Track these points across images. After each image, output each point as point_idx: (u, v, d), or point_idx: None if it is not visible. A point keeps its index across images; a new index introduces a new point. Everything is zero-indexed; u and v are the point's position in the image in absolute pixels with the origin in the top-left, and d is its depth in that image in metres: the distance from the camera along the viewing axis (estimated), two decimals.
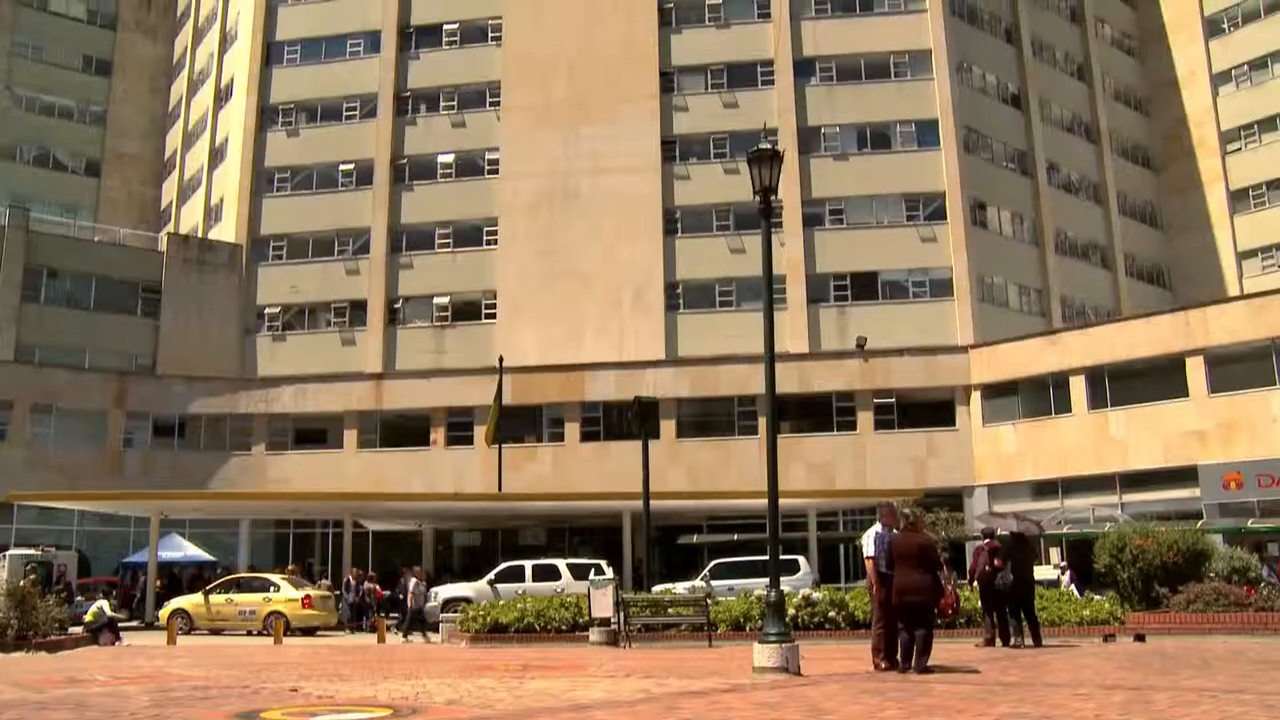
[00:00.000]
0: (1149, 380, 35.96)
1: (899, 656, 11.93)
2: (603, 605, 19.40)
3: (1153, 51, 57.26)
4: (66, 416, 42.18)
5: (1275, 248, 51.61)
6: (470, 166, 48.01)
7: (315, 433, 44.22)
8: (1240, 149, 53.57)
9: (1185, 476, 34.41)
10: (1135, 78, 56.86)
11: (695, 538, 38.79)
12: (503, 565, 31.74)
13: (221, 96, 53.86)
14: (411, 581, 28.04)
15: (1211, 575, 18.94)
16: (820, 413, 41.10)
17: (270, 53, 50.86)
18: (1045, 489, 38.00)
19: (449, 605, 27.81)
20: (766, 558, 14.63)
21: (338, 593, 31.76)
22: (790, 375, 39.30)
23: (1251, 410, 33.40)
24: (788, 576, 27.22)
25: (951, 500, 38.38)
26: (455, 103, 48.64)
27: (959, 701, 9.12)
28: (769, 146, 13.78)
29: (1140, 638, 17.27)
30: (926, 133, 45.34)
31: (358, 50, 50.20)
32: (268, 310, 48.17)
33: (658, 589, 26.60)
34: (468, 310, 46.73)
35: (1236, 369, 34.01)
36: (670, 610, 20.09)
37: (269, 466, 43.18)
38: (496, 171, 47.44)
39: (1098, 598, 20.19)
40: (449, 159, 48.12)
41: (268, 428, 43.80)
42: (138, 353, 46.58)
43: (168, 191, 60.10)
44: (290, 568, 33.98)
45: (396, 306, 47.28)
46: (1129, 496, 35.57)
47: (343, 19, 50.52)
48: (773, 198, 13.80)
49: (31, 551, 33.09)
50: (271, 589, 28.51)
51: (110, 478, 41.11)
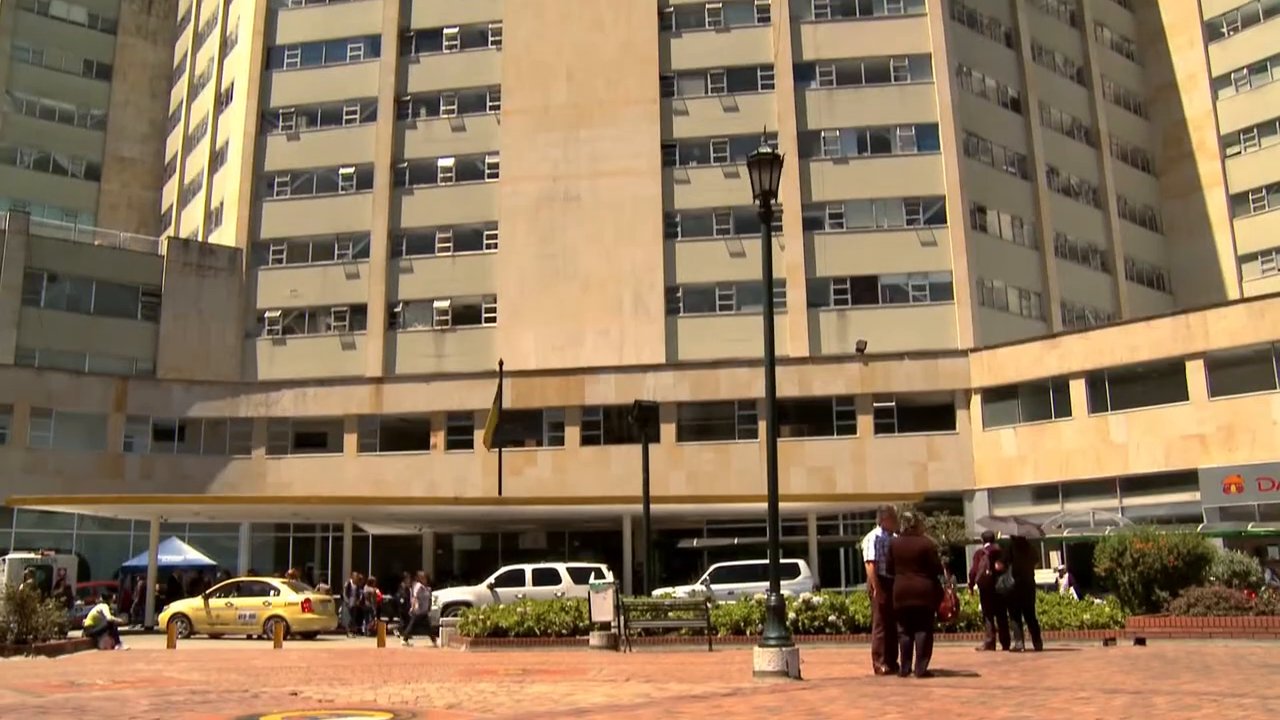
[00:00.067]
0: (1149, 384, 35.96)
1: (899, 660, 11.92)
2: (603, 609, 19.38)
3: (1152, 55, 57.31)
4: (66, 420, 42.18)
5: (1275, 251, 51.62)
6: (470, 170, 48.05)
7: (315, 436, 44.22)
8: (1240, 153, 53.59)
9: (1185, 480, 34.40)
10: (1135, 81, 56.92)
11: (695, 541, 38.79)
12: (503, 569, 31.74)
13: (222, 100, 53.91)
14: (416, 587, 28.14)
15: (1212, 579, 18.91)
16: (820, 416, 41.10)
17: (270, 57, 50.92)
18: (1045, 493, 37.99)
19: (449, 609, 27.84)
20: (767, 561, 14.63)
21: (337, 597, 31.77)
22: (790, 379, 39.35)
23: (1252, 414, 33.40)
24: (788, 580, 27.22)
25: (952, 504, 38.39)
26: (455, 106, 48.68)
27: (959, 705, 9.11)
28: (769, 150, 13.78)
29: (1141, 641, 17.26)
30: (926, 136, 45.35)
31: (358, 54, 50.25)
32: (268, 314, 48.19)
33: (658, 593, 26.59)
34: (468, 314, 46.75)
35: (1237, 372, 34.01)
36: (670, 614, 20.08)
37: (269, 470, 43.17)
38: (496, 175, 47.48)
39: (1098, 601, 20.17)
40: (449, 163, 48.15)
41: (268, 431, 43.79)
42: (138, 356, 46.59)
43: (168, 195, 60.15)
44: (290, 572, 33.97)
45: (396, 310, 47.29)
46: (1129, 500, 35.57)
47: (343, 23, 50.58)
48: (773, 201, 13.80)
49: (31, 555, 33.03)
50: (271, 593, 28.51)
51: (110, 481, 41.14)
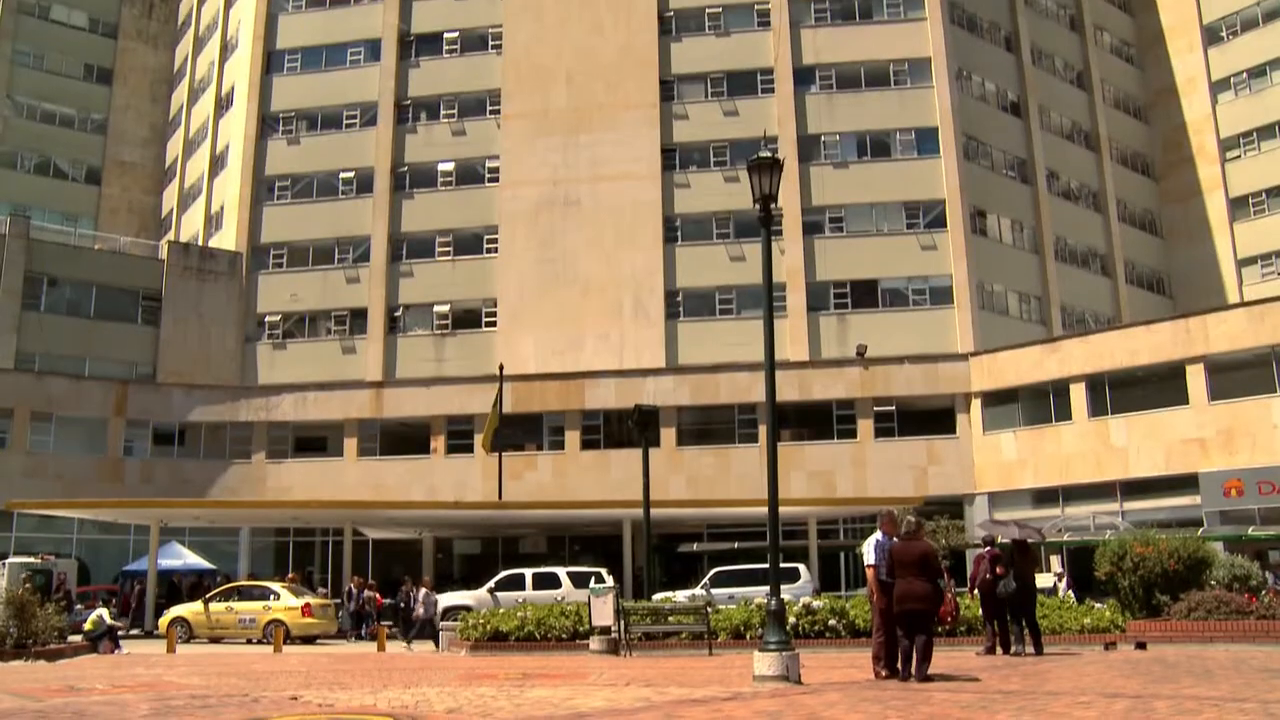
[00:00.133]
0: (1149, 388, 35.94)
1: (899, 664, 11.91)
2: (603, 613, 19.37)
3: (1152, 59, 57.37)
4: (66, 424, 42.14)
5: (1275, 255, 51.63)
6: (470, 174, 48.08)
7: (315, 441, 44.17)
8: (1240, 156, 53.62)
9: (1186, 484, 34.37)
10: (1134, 85, 56.96)
11: (695, 546, 38.78)
12: (503, 573, 31.71)
13: (222, 105, 53.94)
14: (421, 592, 28.29)
15: (1213, 583, 18.88)
16: (820, 421, 41.08)
17: (271, 61, 50.96)
18: (1046, 496, 37.95)
19: (449, 613, 27.83)
20: (767, 566, 14.62)
21: (337, 601, 31.75)
22: (790, 383, 39.34)
23: (1252, 417, 33.38)
24: (788, 584, 27.24)
25: (952, 508, 38.36)
26: (455, 111, 48.72)
27: (960, 710, 9.10)
28: (769, 154, 13.79)
29: (1141, 646, 17.24)
30: (926, 140, 45.38)
31: (358, 58, 50.29)
32: (268, 318, 48.20)
33: (658, 597, 26.60)
34: (468, 318, 46.75)
35: (1237, 376, 33.99)
36: (671, 618, 20.07)
37: (269, 475, 43.14)
38: (496, 179, 47.51)
39: (1099, 605, 20.14)
40: (449, 167, 48.17)
41: (268, 436, 43.75)
42: (138, 361, 46.59)
43: (168, 199, 60.17)
44: (290, 576, 33.93)
45: (397, 314, 47.30)
46: (1129, 504, 35.54)
47: (343, 27, 50.63)
48: (773, 205, 13.81)
49: (31, 560, 32.98)
50: (271, 597, 28.48)
51: (110, 486, 41.10)
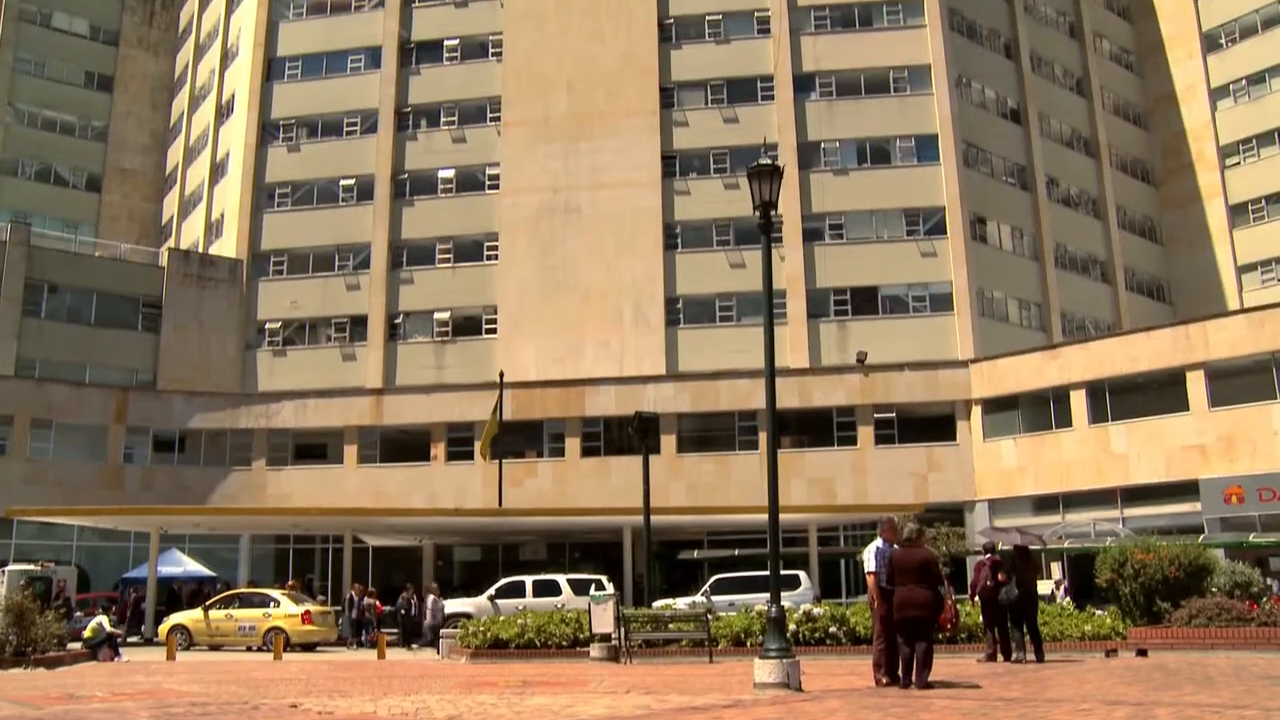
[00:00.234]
0: (1149, 394, 35.94)
1: (900, 672, 11.90)
2: (603, 621, 19.35)
3: (1151, 66, 57.46)
4: (66, 431, 42.13)
5: (1275, 261, 51.68)
6: (471, 181, 48.12)
7: (315, 448, 44.16)
8: (1239, 163, 53.68)
9: (1186, 491, 34.35)
10: (1134, 92, 57.05)
11: (696, 553, 38.71)
12: (503, 581, 31.73)
13: (223, 112, 54.02)
14: (430, 599, 28.33)
15: (1213, 590, 18.86)
16: (821, 427, 41.06)
17: (271, 68, 51.04)
18: (1046, 503, 37.92)
19: (449, 621, 27.81)
20: (767, 573, 14.60)
21: (338, 608, 31.72)
22: (790, 390, 39.33)
23: (1252, 424, 33.37)
24: (789, 592, 27.21)
25: (952, 515, 38.33)
26: (456, 118, 48.78)
27: (960, 717, 9.09)
28: (769, 161, 13.80)
29: (1142, 653, 17.22)
30: (926, 147, 45.44)
31: (359, 66, 50.37)
32: (268, 325, 48.21)
33: (658, 604, 26.57)
34: (468, 325, 46.76)
35: (1237, 383, 33.98)
36: (671, 626, 20.03)
37: (269, 482, 43.12)
38: (497, 186, 47.55)
39: (1099, 613, 20.12)
40: (449, 174, 48.22)
41: (268, 443, 43.74)
42: (138, 368, 46.59)
43: (169, 207, 60.22)
44: (290, 583, 33.89)
45: (397, 321, 47.31)
46: (1130, 511, 35.50)
47: (344, 35, 50.72)
48: (773, 212, 13.82)
49: (31, 567, 32.95)
50: (271, 604, 28.45)
51: (110, 493, 41.06)
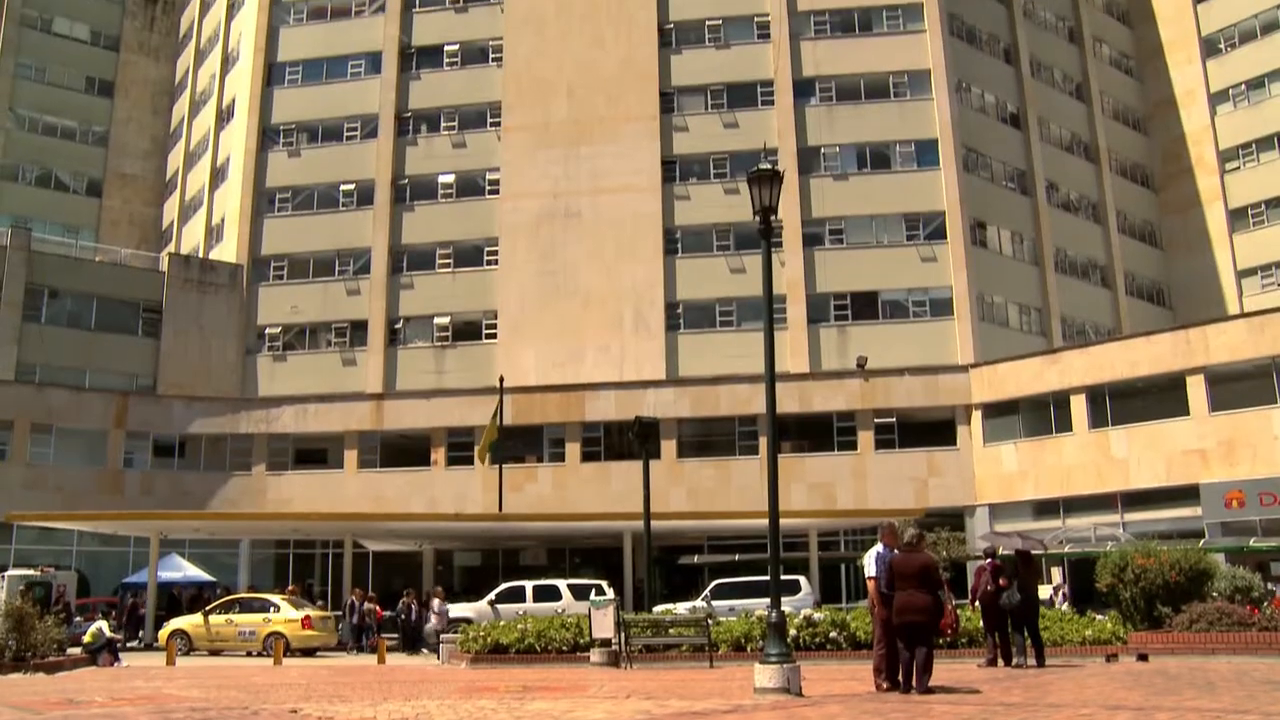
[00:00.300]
0: (1150, 399, 35.94)
1: (900, 677, 11.88)
2: (603, 626, 19.33)
3: (1151, 71, 57.51)
4: (66, 436, 42.14)
5: (1275, 266, 51.68)
6: (471, 186, 48.15)
7: (315, 453, 44.17)
8: (1239, 168, 53.70)
9: (1187, 495, 34.34)
10: (1133, 97, 57.09)
11: (696, 558, 38.73)
12: (503, 586, 31.74)
13: (223, 117, 54.07)
14: (435, 602, 28.38)
15: (1214, 595, 18.86)
16: (821, 432, 41.06)
17: (272, 73, 51.09)
18: (1046, 508, 37.91)
19: (453, 625, 27.82)
20: (767, 578, 14.60)
21: (338, 614, 31.70)
22: (791, 395, 39.34)
23: (1253, 428, 33.37)
24: (789, 597, 27.17)
25: (953, 520, 38.32)
26: (456, 123, 48.82)
27: None
28: (769, 166, 13.82)
29: (1143, 657, 17.20)
30: (926, 152, 45.46)
31: (359, 71, 50.42)
32: (268, 330, 48.22)
33: (659, 609, 26.54)
34: (468, 330, 46.77)
35: (1237, 387, 33.99)
36: (671, 631, 20.02)
37: (269, 487, 43.12)
38: (497, 191, 47.57)
39: (1100, 617, 20.11)
40: (449, 179, 48.25)
41: (268, 448, 43.74)
42: (138, 372, 46.59)
43: (169, 211, 60.26)
44: (290, 588, 33.88)
45: (397, 326, 47.32)
46: (1130, 515, 35.49)
47: (344, 40, 50.78)
48: (773, 217, 13.83)
49: (31, 572, 32.91)
50: (271, 610, 28.44)
51: (110, 498, 41.08)
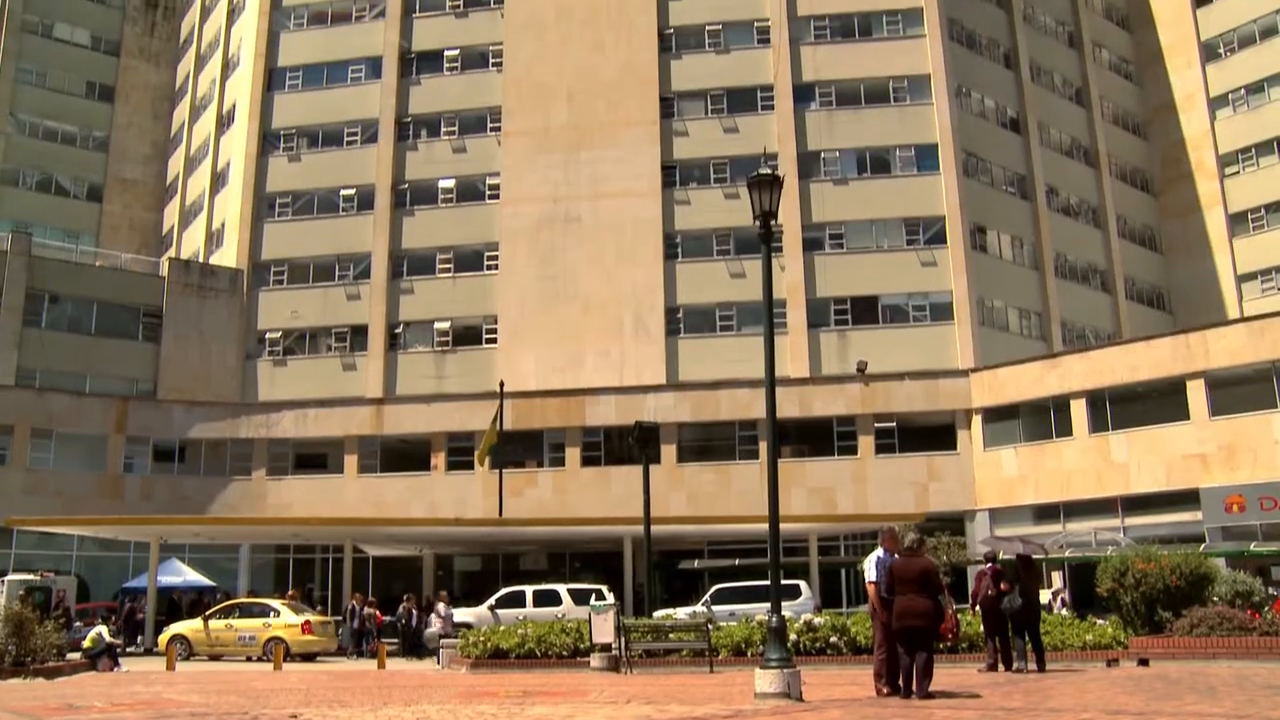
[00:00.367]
0: (1150, 403, 35.92)
1: (901, 681, 11.88)
2: (604, 630, 19.31)
3: (1150, 76, 57.56)
4: (66, 441, 42.10)
5: (1275, 270, 51.68)
6: (471, 191, 48.17)
7: (316, 458, 44.13)
8: (1239, 172, 53.73)
9: (1187, 500, 34.32)
10: (1133, 102, 57.13)
11: (696, 563, 38.70)
12: (503, 590, 31.72)
13: (223, 122, 54.12)
14: (440, 606, 28.48)
15: (1215, 599, 18.83)
16: (821, 437, 41.04)
17: (272, 78, 51.14)
18: (1047, 513, 37.88)
19: (457, 629, 27.82)
20: (768, 583, 14.59)
21: (338, 619, 31.68)
22: (791, 399, 39.32)
23: (1253, 433, 33.35)
24: (789, 601, 27.17)
25: (953, 524, 38.26)
26: (456, 128, 48.86)
27: None
28: (769, 171, 13.83)
29: (1144, 662, 17.19)
30: (926, 157, 45.49)
31: (359, 76, 50.47)
32: (268, 335, 48.23)
33: (659, 614, 26.55)
34: (468, 335, 46.78)
35: (1237, 391, 33.98)
36: (671, 635, 20.01)
37: (269, 491, 43.08)
38: (497, 196, 47.60)
39: (1101, 622, 20.09)
40: (450, 184, 48.28)
41: (268, 453, 43.70)
42: (138, 377, 46.59)
43: (169, 216, 60.29)
44: (290, 593, 33.84)
45: (397, 331, 47.32)
46: (1131, 520, 35.47)
47: (344, 45, 50.83)
48: (773, 222, 13.84)
49: (30, 577, 32.91)
50: (271, 614, 28.41)
51: (110, 502, 41.03)
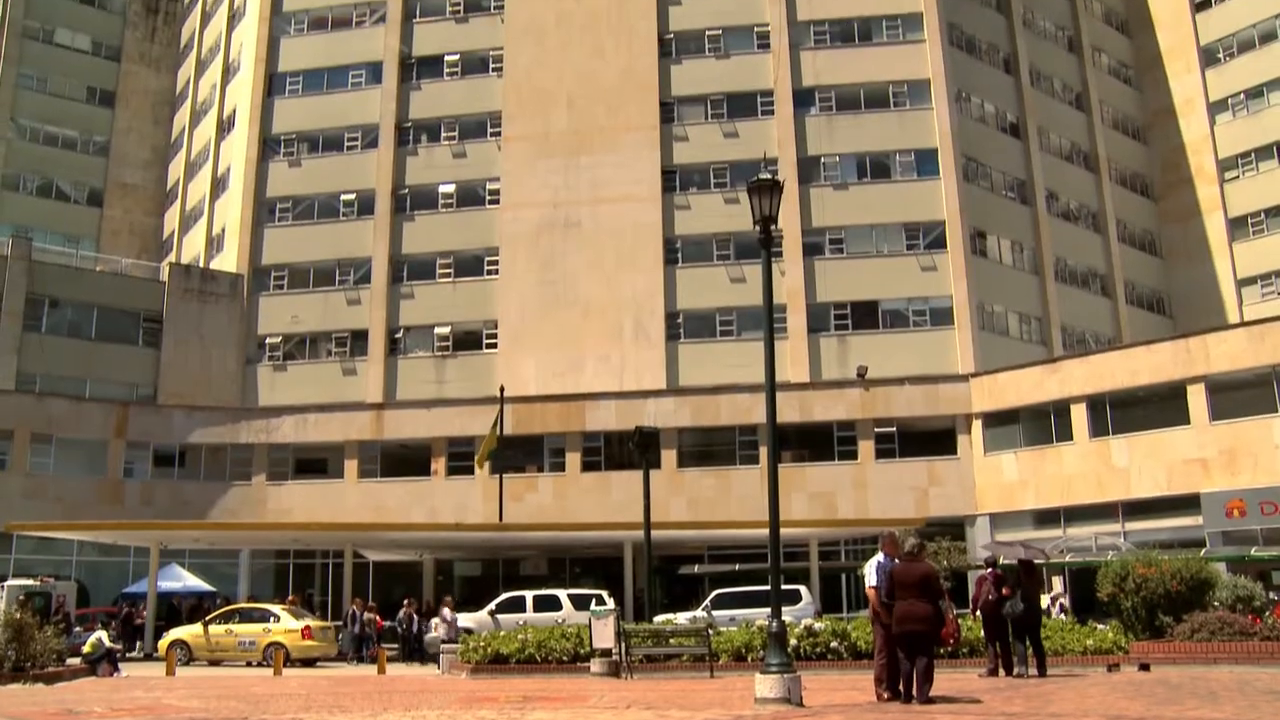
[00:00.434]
0: (1150, 408, 35.90)
1: (901, 686, 11.86)
2: (604, 636, 19.28)
3: (1150, 80, 57.61)
4: (66, 446, 42.05)
5: (1275, 275, 51.68)
6: (471, 196, 48.18)
7: (316, 463, 44.10)
8: (1238, 177, 53.76)
9: (1188, 504, 34.28)
10: (1133, 106, 57.17)
11: (696, 568, 38.64)
12: (504, 596, 31.69)
13: (224, 127, 54.15)
14: (445, 611, 28.49)
15: (1216, 604, 18.80)
16: (821, 442, 41.00)
17: (272, 83, 51.17)
18: (1047, 517, 37.84)
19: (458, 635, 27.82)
20: (768, 588, 14.58)
21: (338, 624, 31.64)
22: (791, 404, 39.28)
23: (1253, 437, 33.32)
24: (789, 606, 27.15)
25: (953, 529, 38.22)
26: (456, 133, 48.88)
27: None
28: (769, 176, 13.83)
29: (1145, 667, 17.17)
30: (926, 162, 45.51)
31: (359, 81, 50.51)
32: (269, 340, 48.22)
33: (659, 619, 26.52)
34: (468, 340, 46.76)
35: (1237, 396, 33.95)
36: (672, 641, 19.96)
37: (269, 497, 43.05)
38: (497, 201, 47.61)
39: (1101, 627, 20.07)
40: (450, 189, 48.29)
41: (268, 458, 43.66)
42: (138, 382, 46.57)
43: (169, 221, 60.32)
44: (290, 598, 33.83)
45: (397, 336, 47.31)
46: (1131, 525, 35.43)
47: (345, 50, 50.87)
48: (773, 227, 13.83)
49: (30, 582, 32.90)
50: (271, 619, 28.39)
51: (110, 507, 40.99)
